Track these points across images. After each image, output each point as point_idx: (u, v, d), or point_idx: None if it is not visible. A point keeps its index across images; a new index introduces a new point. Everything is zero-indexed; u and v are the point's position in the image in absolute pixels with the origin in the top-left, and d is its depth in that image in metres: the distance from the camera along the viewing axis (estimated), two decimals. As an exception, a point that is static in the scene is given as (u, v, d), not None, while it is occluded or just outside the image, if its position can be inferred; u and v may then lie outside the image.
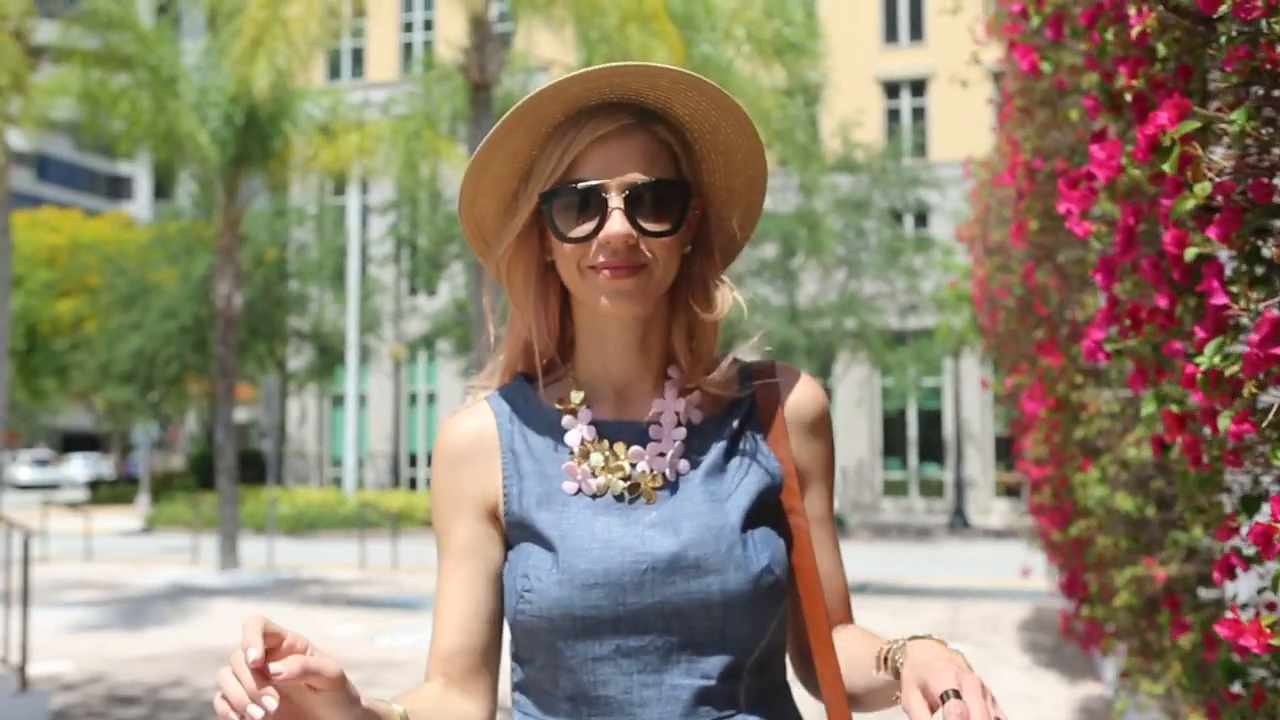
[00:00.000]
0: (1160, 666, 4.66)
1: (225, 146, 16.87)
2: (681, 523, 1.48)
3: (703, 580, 1.45)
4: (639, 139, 1.49)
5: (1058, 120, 4.48)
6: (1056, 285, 5.98)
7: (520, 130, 1.50)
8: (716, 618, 1.45)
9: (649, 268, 1.48)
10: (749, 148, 1.56)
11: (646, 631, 1.45)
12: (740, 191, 1.61)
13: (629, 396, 1.58)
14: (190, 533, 21.69)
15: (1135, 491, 4.65)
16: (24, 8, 13.45)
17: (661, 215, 1.48)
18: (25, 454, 54.33)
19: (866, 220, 26.81)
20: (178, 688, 9.38)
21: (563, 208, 1.48)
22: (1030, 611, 13.37)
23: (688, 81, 1.47)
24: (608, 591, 1.44)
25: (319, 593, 15.72)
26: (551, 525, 1.50)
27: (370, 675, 9.91)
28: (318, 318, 31.57)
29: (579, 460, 1.53)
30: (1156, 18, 1.99)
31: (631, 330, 1.55)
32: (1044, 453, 6.53)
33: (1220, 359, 1.81)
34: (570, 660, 1.46)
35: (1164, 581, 4.55)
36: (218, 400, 18.00)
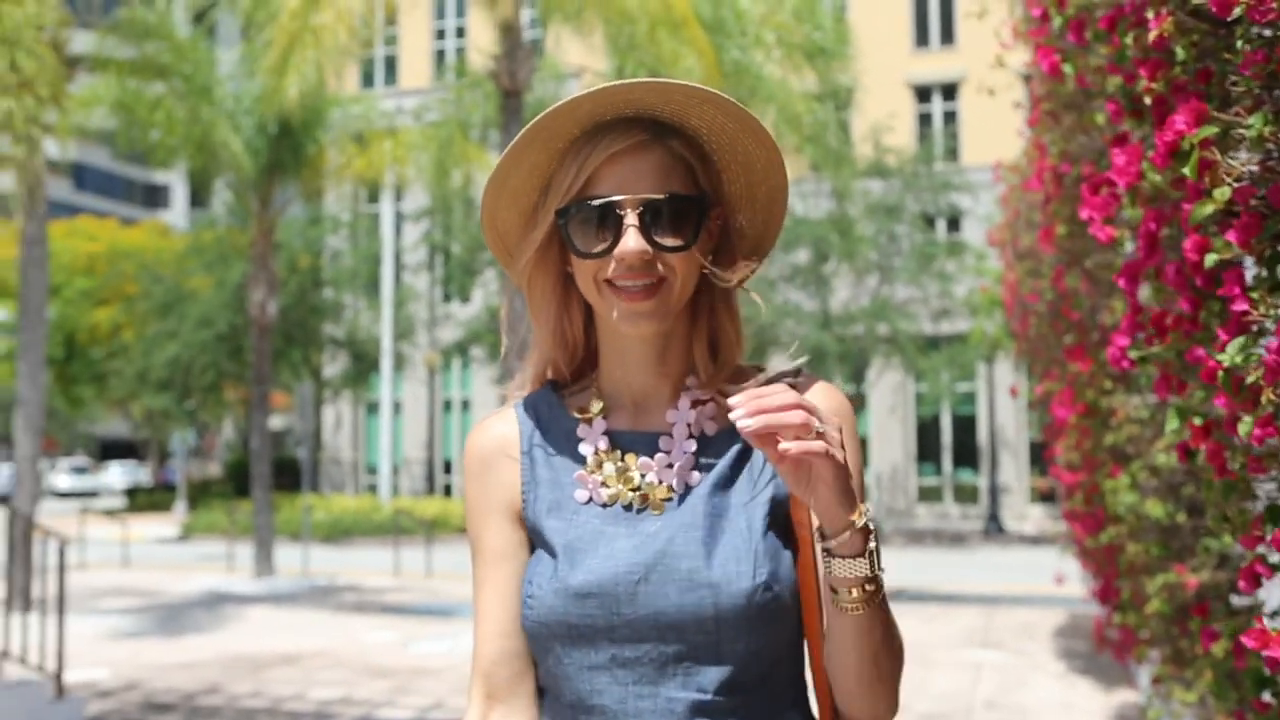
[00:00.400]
0: (1193, 674, 4.61)
1: (259, 155, 16.99)
2: (680, 534, 1.48)
3: (696, 593, 1.44)
4: (654, 154, 1.50)
5: (1084, 124, 4.45)
6: (1086, 290, 5.94)
7: (536, 145, 1.51)
8: (710, 631, 1.44)
9: (667, 282, 1.50)
10: (768, 159, 1.56)
11: (642, 642, 1.45)
12: (762, 201, 1.61)
13: (646, 407, 1.58)
14: (226, 540, 21.84)
15: (1166, 498, 4.60)
16: (60, 18, 13.59)
17: (677, 230, 1.49)
18: (64, 461, 54.88)
19: (899, 225, 26.70)
20: (213, 694, 9.44)
21: (579, 224, 1.50)
22: (1065, 618, 13.27)
23: (701, 96, 1.48)
24: (601, 601, 1.45)
25: (353, 600, 15.79)
26: (558, 533, 1.52)
27: (404, 683, 9.94)
28: (352, 325, 31.71)
29: (592, 470, 1.55)
30: (1174, 21, 1.97)
31: (650, 344, 1.56)
32: (1075, 458, 6.48)
33: (1242, 359, 1.79)
34: (568, 668, 1.48)
35: (1195, 589, 4.50)
36: (253, 408, 18.11)
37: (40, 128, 12.61)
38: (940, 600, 15.32)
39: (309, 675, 10.27)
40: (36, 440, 14.19)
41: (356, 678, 10.15)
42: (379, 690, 9.60)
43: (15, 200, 12.91)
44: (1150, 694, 5.76)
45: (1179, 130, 1.78)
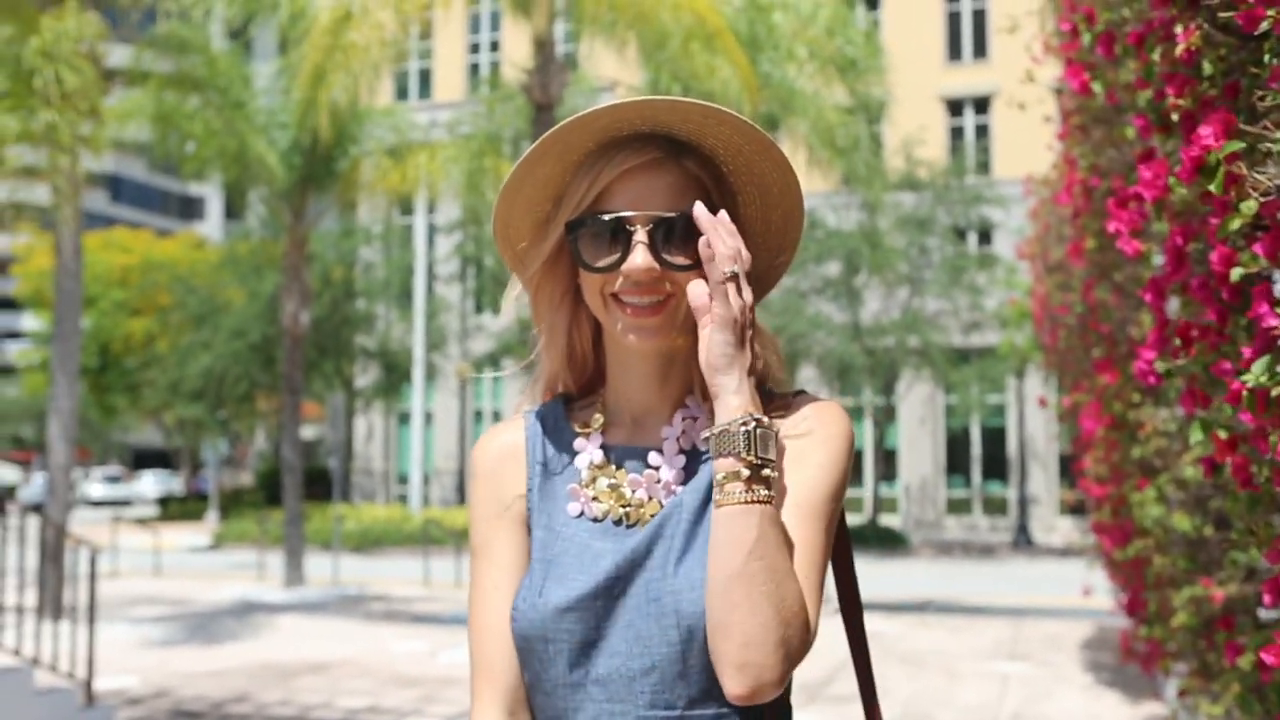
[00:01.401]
0: (1219, 687, 4.58)
1: (293, 168, 17.10)
2: (658, 548, 1.46)
3: (660, 604, 1.42)
4: (667, 173, 1.49)
5: (1114, 138, 4.45)
6: (1116, 303, 5.92)
7: (551, 157, 1.51)
8: (675, 643, 1.41)
9: (673, 300, 1.49)
10: (784, 182, 1.55)
11: (614, 656, 1.43)
12: (777, 224, 1.60)
13: (645, 424, 1.57)
14: (257, 549, 21.97)
15: (1193, 511, 4.58)
16: (99, 32, 13.74)
17: (685, 249, 1.47)
18: (97, 471, 55.31)
19: (930, 238, 26.66)
20: (241, 703, 9.49)
21: (588, 237, 1.49)
22: (1093, 630, 13.18)
23: (718, 116, 1.46)
24: (580, 616, 1.44)
25: (383, 609, 15.84)
26: (546, 546, 1.52)
27: (432, 692, 9.97)
28: (384, 336, 31.87)
29: (586, 484, 1.54)
30: (1202, 35, 1.98)
31: (653, 362, 1.55)
32: (1104, 471, 6.46)
33: (1268, 378, 1.79)
34: (546, 684, 1.46)
35: (1222, 602, 4.48)
36: (284, 418, 18.21)
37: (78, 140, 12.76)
38: (968, 612, 15.25)
39: (337, 684, 10.31)
40: (70, 449, 14.31)
41: (384, 687, 10.18)
42: (406, 699, 9.63)
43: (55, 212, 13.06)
44: (1176, 706, 5.73)
45: (1205, 145, 1.78)
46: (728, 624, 1.34)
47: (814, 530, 1.44)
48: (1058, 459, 31.23)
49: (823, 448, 1.48)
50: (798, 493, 1.46)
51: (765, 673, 1.33)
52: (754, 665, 1.32)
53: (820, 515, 1.46)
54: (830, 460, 1.48)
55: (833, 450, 1.49)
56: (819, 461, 1.47)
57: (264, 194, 18.80)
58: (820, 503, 1.46)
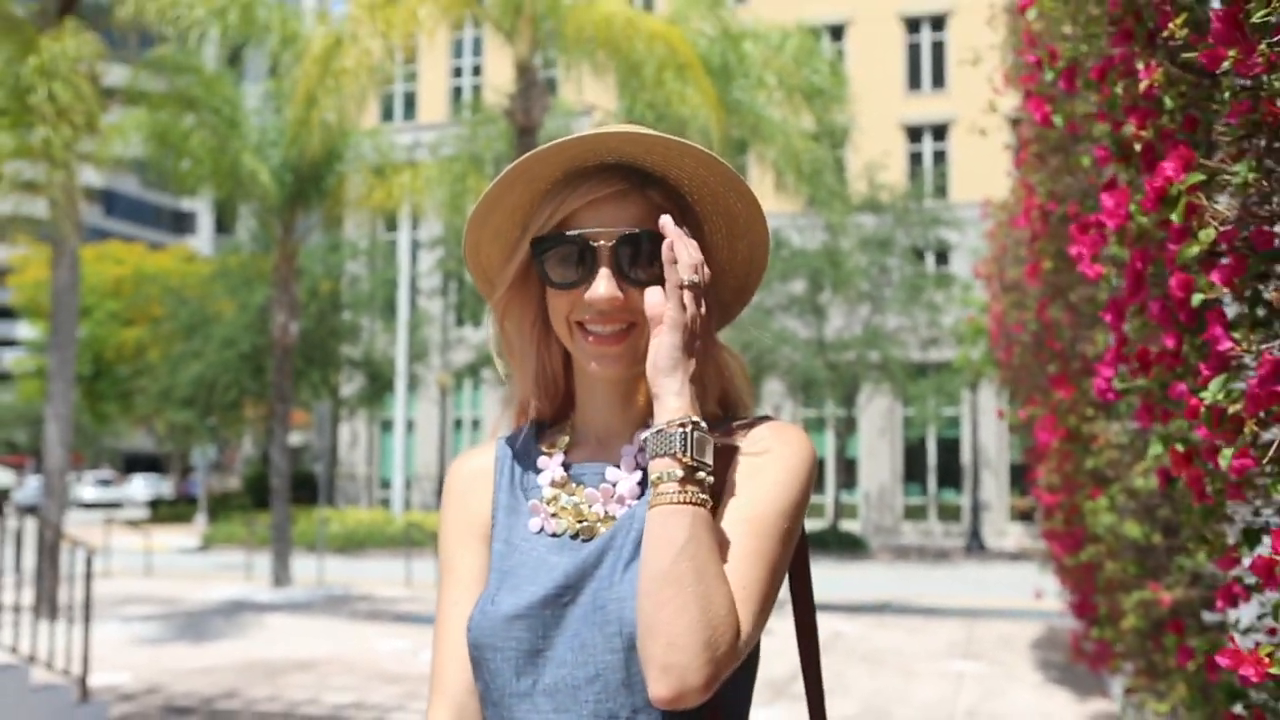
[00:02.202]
0: (1166, 686, 4.62)
1: (284, 185, 17.06)
2: (607, 558, 1.42)
3: (606, 612, 1.38)
4: (632, 204, 1.45)
5: (1070, 166, 4.48)
6: (1069, 322, 5.97)
7: (519, 186, 1.47)
8: (618, 650, 1.36)
9: (637, 327, 1.45)
10: (749, 214, 1.50)
11: (560, 666, 1.38)
12: (743, 254, 1.56)
13: (608, 443, 1.53)
14: (245, 550, 21.81)
15: (1143, 519, 4.62)
16: (97, 51, 13.66)
17: (649, 267, 1.43)
18: (89, 474, 54.81)
19: (890, 258, 26.83)
20: (231, 699, 9.41)
21: (554, 256, 1.45)
22: (1042, 631, 13.25)
23: (680, 149, 1.43)
24: (529, 624, 1.40)
25: (367, 609, 15.76)
26: (505, 559, 1.49)
27: (415, 688, 9.92)
28: (369, 347, 31.79)
29: (547, 500, 1.51)
30: (1164, 72, 2.00)
31: (618, 386, 1.52)
32: (1056, 480, 6.50)
33: (1223, 395, 1.81)
34: (494, 693, 1.42)
35: (1169, 605, 4.52)
36: (273, 424, 18.13)
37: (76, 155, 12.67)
38: (924, 613, 15.30)
39: (323, 681, 10.25)
40: (65, 454, 14.19)
41: (369, 683, 10.13)
42: (390, 696, 9.58)
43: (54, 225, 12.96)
44: (1124, 704, 5.77)
45: (1168, 177, 1.80)
46: (654, 624, 1.27)
47: (761, 544, 1.36)
48: (1009, 468, 31.46)
49: (777, 465, 1.42)
50: (749, 507, 1.39)
51: (689, 675, 1.25)
52: (677, 667, 1.25)
53: (770, 531, 1.38)
54: (786, 479, 1.41)
55: (788, 468, 1.42)
56: (772, 479, 1.41)
57: (255, 209, 18.73)
58: (772, 517, 1.38)
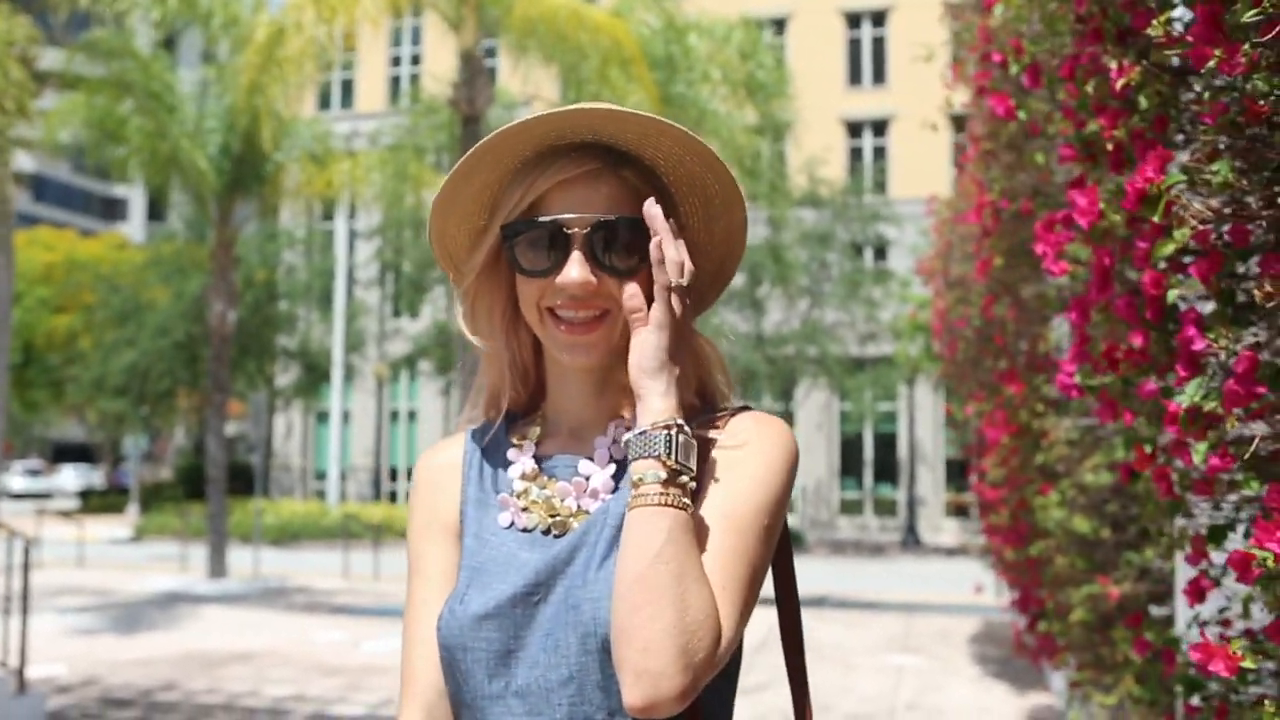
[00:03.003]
0: (1112, 679, 4.69)
1: (222, 172, 16.81)
2: (580, 554, 1.37)
3: (578, 611, 1.33)
4: (605, 183, 1.40)
5: (1024, 163, 4.53)
6: (1014, 318, 6.04)
7: (486, 165, 1.42)
8: (593, 650, 1.31)
9: (610, 315, 1.40)
10: (725, 194, 1.45)
11: (534, 667, 1.33)
12: (720, 236, 1.51)
13: (581, 436, 1.48)
14: (179, 542, 21.49)
15: (1092, 515, 4.68)
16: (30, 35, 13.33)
17: (623, 254, 1.38)
18: (18, 464, 53.71)
19: (829, 253, 27.00)
20: (169, 691, 9.27)
21: (524, 242, 1.40)
22: (980, 626, 13.41)
23: (658, 127, 1.38)
24: (500, 624, 1.35)
25: (304, 601, 15.60)
26: (474, 555, 1.44)
27: (355, 680, 9.84)
28: (305, 337, 31.45)
29: (517, 494, 1.46)
30: (1141, 72, 2.01)
31: (591, 375, 1.47)
32: (1000, 476, 6.57)
33: (1200, 397, 1.83)
34: (466, 695, 1.37)
35: (1117, 600, 4.58)
36: (210, 414, 17.86)
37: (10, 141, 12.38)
38: (861, 607, 15.42)
39: (262, 673, 10.13)
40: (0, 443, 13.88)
41: (309, 675, 10.02)
42: (331, 687, 9.49)
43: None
44: (1070, 697, 5.84)
45: (1149, 177, 1.81)
46: (628, 629, 1.23)
47: (740, 541, 1.32)
48: (944, 464, 31.80)
49: (757, 459, 1.38)
50: (726, 503, 1.34)
51: (663, 682, 1.20)
52: (651, 674, 1.20)
53: (750, 527, 1.33)
54: (764, 473, 1.37)
55: (768, 462, 1.38)
56: (751, 474, 1.36)
57: (192, 197, 18.42)
58: (751, 514, 1.34)
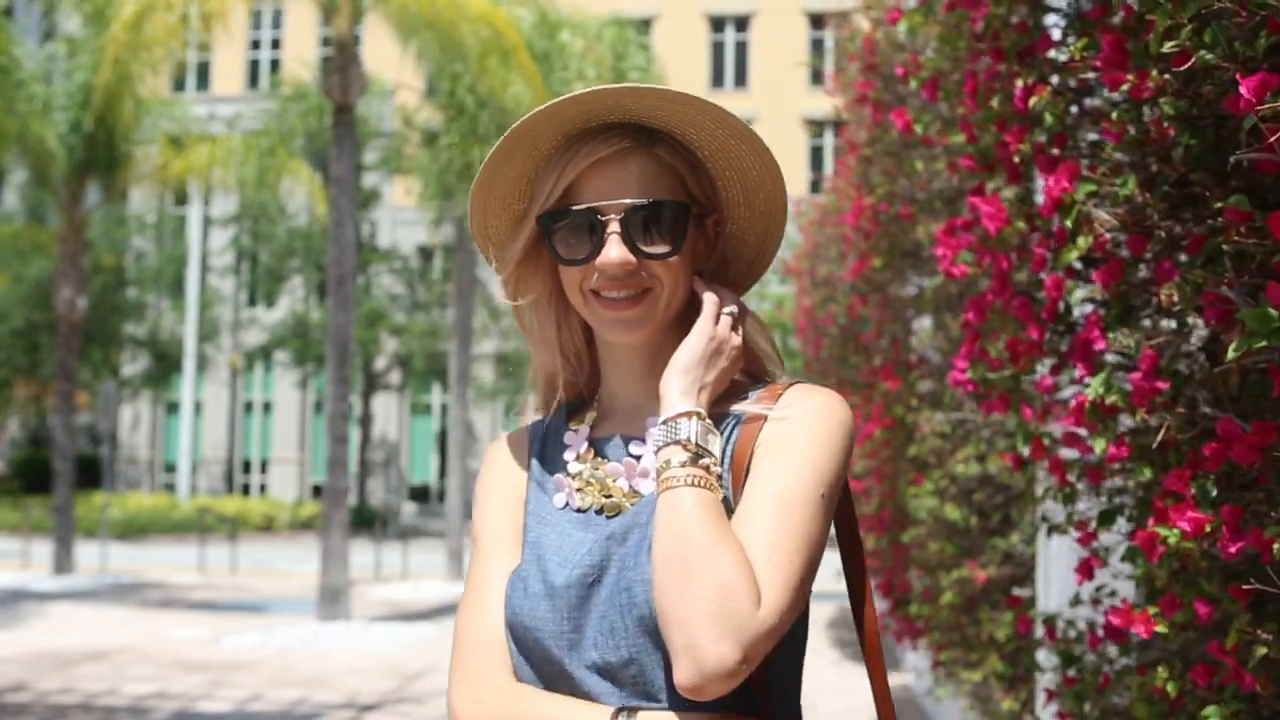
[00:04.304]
0: (977, 657, 4.94)
1: (73, 152, 16.19)
2: (634, 536, 1.37)
3: (632, 594, 1.32)
4: (637, 161, 1.40)
5: (904, 170, 4.73)
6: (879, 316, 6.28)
7: (520, 153, 1.43)
8: (653, 632, 1.30)
9: (652, 292, 1.41)
10: (762, 165, 1.44)
11: (594, 648, 1.33)
12: (761, 210, 1.49)
13: (634, 417, 1.48)
14: (18, 537, 20.65)
15: (961, 503, 4.93)
16: None
17: (661, 237, 1.39)
18: None
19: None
20: (20, 692, 8.95)
21: (561, 231, 1.40)
22: (836, 611, 13.79)
23: (683, 100, 1.37)
24: (554, 605, 1.35)
25: (158, 597, 15.17)
26: (532, 535, 1.45)
27: (219, 676, 9.65)
28: (154, 325, 30.49)
29: (572, 475, 1.47)
30: (1051, 90, 2.17)
31: (639, 354, 1.47)
32: (866, 468, 6.81)
33: (1104, 390, 1.99)
34: (529, 675, 1.38)
35: (984, 583, 4.84)
36: (57, 404, 17.22)
37: None
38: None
39: (119, 671, 9.85)
40: None
41: (169, 673, 9.78)
42: (194, 684, 9.29)
43: None
44: (934, 675, 6.12)
45: (1064, 188, 1.97)
46: (665, 608, 1.24)
47: (788, 514, 1.31)
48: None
49: (807, 433, 1.37)
50: (775, 480, 1.33)
51: (707, 661, 1.20)
52: (693, 650, 1.21)
53: (798, 500, 1.32)
54: (813, 446, 1.36)
55: (817, 435, 1.37)
56: (801, 449, 1.35)
57: (36, 177, 17.70)
58: (798, 486, 1.33)
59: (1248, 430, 1.65)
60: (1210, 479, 1.75)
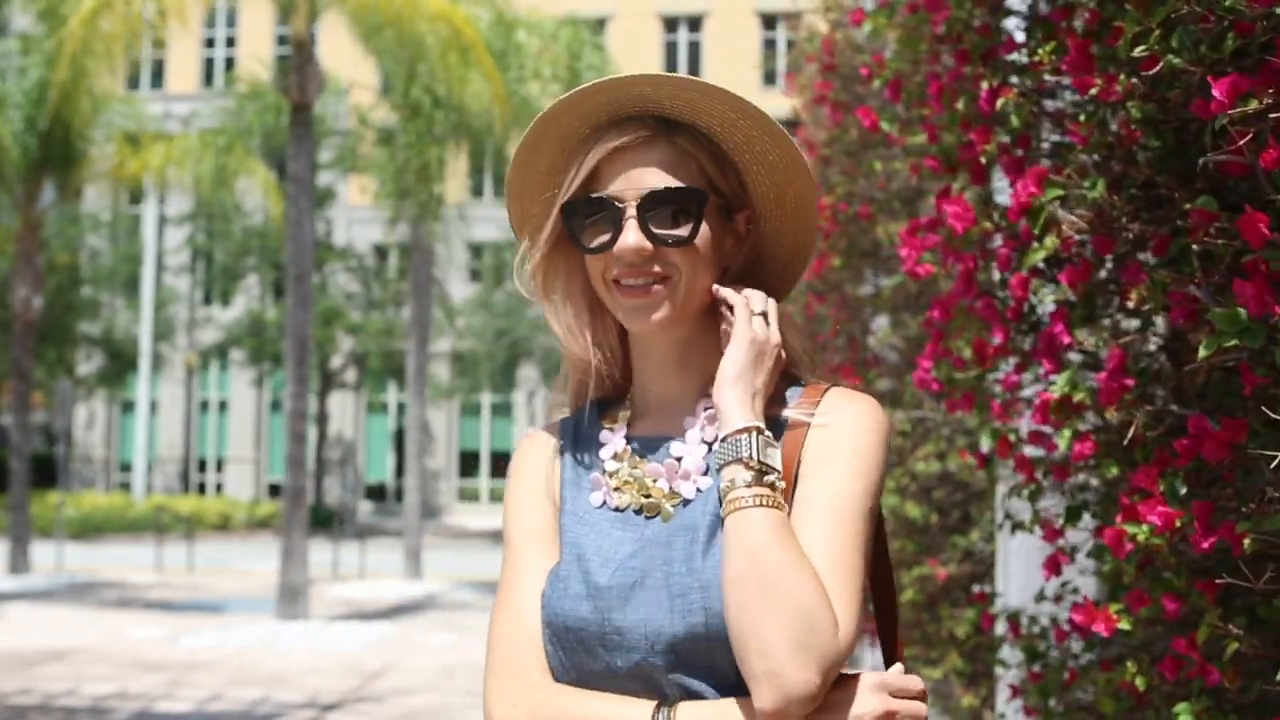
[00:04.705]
0: (938, 654, 4.96)
1: (28, 150, 15.93)
2: (679, 540, 1.36)
3: (686, 600, 1.31)
4: (657, 150, 1.39)
5: (863, 170, 4.75)
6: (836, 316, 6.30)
7: (549, 148, 1.44)
8: (701, 640, 1.30)
9: (671, 280, 1.39)
10: (788, 159, 1.43)
11: (633, 651, 1.32)
12: (791, 206, 1.47)
13: (669, 414, 1.46)
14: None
15: (921, 501, 4.95)
16: None
17: (677, 223, 1.38)
18: None
19: (647, 248, 27.38)
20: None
21: (582, 220, 1.40)
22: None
23: (702, 89, 1.37)
24: (595, 606, 1.34)
25: (115, 596, 14.97)
26: (570, 534, 1.42)
27: (178, 676, 9.54)
28: (110, 324, 30.09)
29: (609, 474, 1.45)
30: (1018, 93, 2.18)
31: (668, 347, 1.45)
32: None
33: (1070, 388, 2.00)
34: (572, 674, 1.36)
35: (944, 580, 4.86)
36: (10, 404, 16.96)
37: None
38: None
39: (79, 671, 9.71)
40: None
41: (128, 673, 9.66)
42: (154, 684, 9.18)
43: None
44: (894, 673, 6.14)
45: (1032, 191, 1.97)
46: (741, 632, 1.23)
47: (846, 530, 1.31)
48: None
49: (853, 442, 1.36)
50: (827, 493, 1.33)
51: (787, 681, 1.20)
52: (774, 674, 1.20)
53: (852, 514, 1.32)
54: (860, 457, 1.35)
55: (862, 445, 1.36)
56: (848, 459, 1.35)
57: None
58: (852, 500, 1.33)
59: (1217, 427, 1.66)
60: (1179, 476, 1.76)
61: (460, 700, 8.74)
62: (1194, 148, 1.87)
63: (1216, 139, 1.66)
